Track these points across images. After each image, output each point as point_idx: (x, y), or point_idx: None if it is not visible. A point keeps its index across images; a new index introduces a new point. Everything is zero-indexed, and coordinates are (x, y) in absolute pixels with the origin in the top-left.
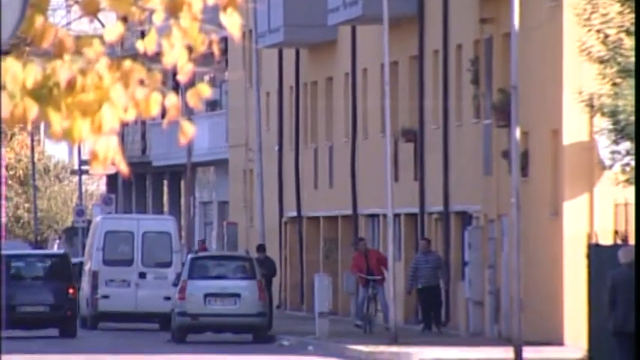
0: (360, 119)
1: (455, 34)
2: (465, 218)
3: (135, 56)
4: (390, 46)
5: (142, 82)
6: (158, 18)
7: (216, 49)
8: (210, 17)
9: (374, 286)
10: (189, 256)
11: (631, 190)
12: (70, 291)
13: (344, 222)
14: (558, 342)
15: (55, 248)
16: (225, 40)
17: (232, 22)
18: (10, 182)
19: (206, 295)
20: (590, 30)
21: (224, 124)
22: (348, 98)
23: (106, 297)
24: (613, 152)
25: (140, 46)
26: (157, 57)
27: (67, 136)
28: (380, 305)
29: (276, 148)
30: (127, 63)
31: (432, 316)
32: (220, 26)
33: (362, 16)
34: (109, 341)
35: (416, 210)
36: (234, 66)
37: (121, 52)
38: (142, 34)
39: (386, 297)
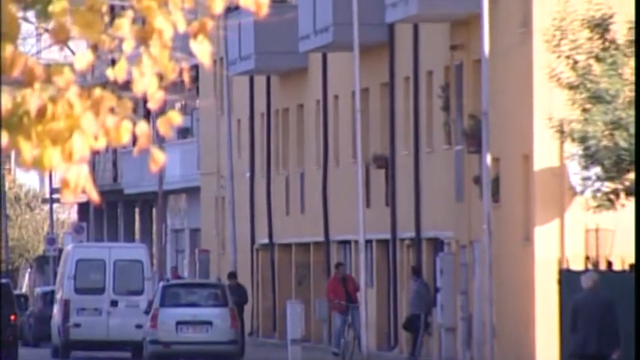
0: (331, 146)
1: (425, 60)
2: (437, 244)
3: (105, 84)
4: (360, 72)
5: (112, 110)
6: (128, 46)
7: (186, 77)
8: (181, 45)
9: (352, 313)
10: (161, 283)
11: (602, 215)
12: (12, 317)
13: (316, 248)
14: None
15: (27, 277)
16: (195, 68)
17: (203, 50)
18: None
19: (178, 323)
20: (559, 56)
21: (195, 152)
22: (319, 125)
23: (77, 325)
24: (584, 178)
25: (110, 74)
26: (127, 85)
27: (38, 164)
28: (354, 332)
29: (248, 175)
30: (98, 91)
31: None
32: (191, 54)
33: (333, 44)
34: None
35: (388, 236)
36: (205, 93)
37: (91, 81)
38: (113, 62)
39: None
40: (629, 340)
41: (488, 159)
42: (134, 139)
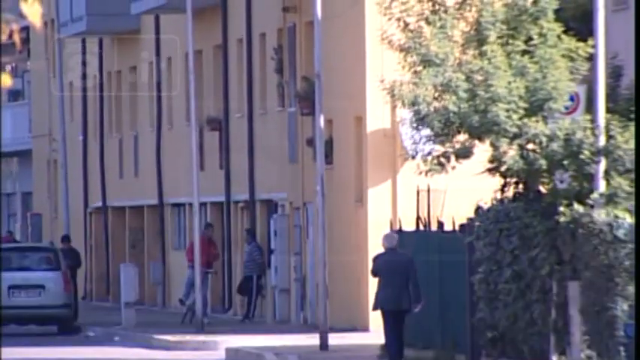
0: (165, 108)
1: (258, 22)
2: (271, 206)
3: None
4: (193, 35)
5: None
6: None
7: (17, 39)
8: (11, 6)
9: (204, 277)
10: None
11: (433, 177)
12: None
13: (150, 211)
14: (363, 328)
15: None
16: (26, 30)
17: (33, 12)
18: None
19: (10, 287)
20: (390, 18)
21: (27, 115)
22: (153, 88)
23: None
24: (415, 142)
25: None
26: None
27: None
28: (202, 296)
29: (81, 138)
30: None
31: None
32: (21, 15)
33: (165, 5)
34: None
35: (222, 199)
36: (36, 55)
37: None
38: None
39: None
40: (436, 296)
41: (322, 121)
42: None
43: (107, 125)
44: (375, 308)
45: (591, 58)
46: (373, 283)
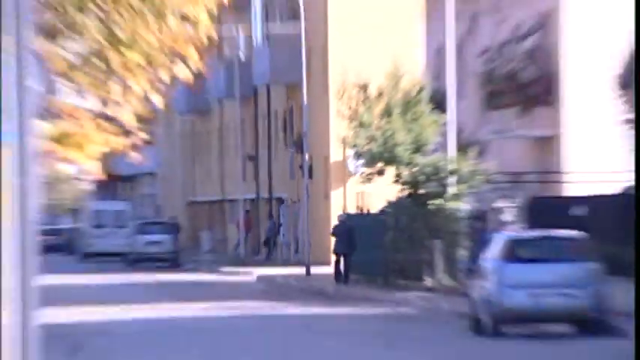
0: (225, 148)
1: (273, 105)
2: (281, 201)
3: (107, 118)
4: (240, 112)
5: (109, 131)
6: (115, 94)
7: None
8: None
9: (247, 237)
10: (138, 222)
11: (366, 186)
12: None
13: (216, 204)
14: (328, 263)
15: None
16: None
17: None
18: None
19: (146, 243)
20: (343, 103)
21: (153, 152)
22: (216, 139)
23: (91, 244)
24: (356, 166)
25: (110, 112)
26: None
27: (73, 161)
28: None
29: (179, 165)
30: (100, 122)
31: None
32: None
33: (226, 94)
34: (95, 267)
35: (254, 196)
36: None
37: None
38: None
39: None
40: (367, 247)
41: (307, 157)
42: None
43: (196, 159)
44: (334, 252)
45: (446, 124)
46: (332, 240)
